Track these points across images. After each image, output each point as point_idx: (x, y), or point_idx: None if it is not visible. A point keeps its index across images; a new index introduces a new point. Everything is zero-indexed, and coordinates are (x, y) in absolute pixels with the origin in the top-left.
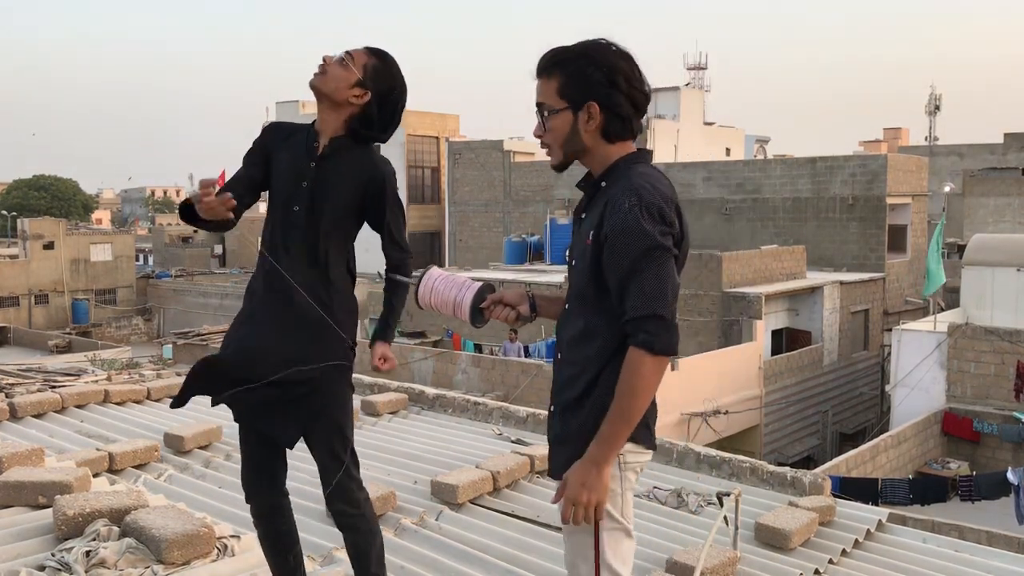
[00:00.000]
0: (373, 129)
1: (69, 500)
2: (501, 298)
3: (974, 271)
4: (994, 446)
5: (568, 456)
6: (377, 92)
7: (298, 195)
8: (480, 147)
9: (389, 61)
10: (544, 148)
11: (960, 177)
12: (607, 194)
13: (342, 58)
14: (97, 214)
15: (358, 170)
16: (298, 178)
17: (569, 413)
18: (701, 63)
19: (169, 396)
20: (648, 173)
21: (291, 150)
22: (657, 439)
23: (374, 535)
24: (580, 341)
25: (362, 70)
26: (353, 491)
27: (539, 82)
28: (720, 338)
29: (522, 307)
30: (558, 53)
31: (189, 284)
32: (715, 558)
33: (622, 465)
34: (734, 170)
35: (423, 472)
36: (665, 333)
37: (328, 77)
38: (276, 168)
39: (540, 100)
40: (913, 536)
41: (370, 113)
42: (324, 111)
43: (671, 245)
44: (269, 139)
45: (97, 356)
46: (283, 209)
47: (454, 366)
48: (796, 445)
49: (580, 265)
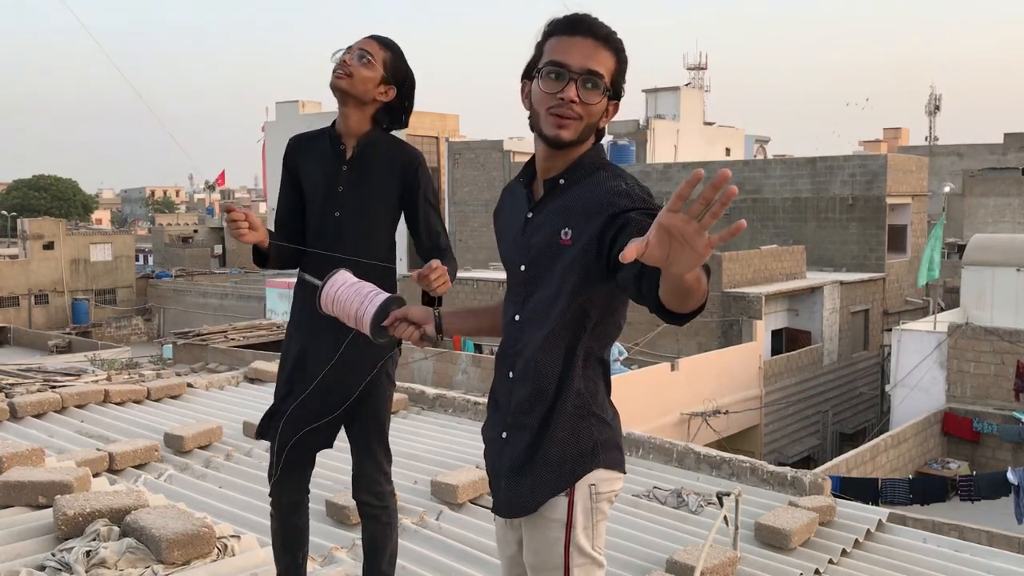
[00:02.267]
0: (395, 120)
1: (69, 500)
2: (405, 315)
3: (974, 271)
4: (994, 446)
5: (531, 487)
6: (397, 84)
7: (336, 200)
8: (480, 147)
9: (398, 50)
10: (567, 116)
11: (960, 177)
12: (571, 193)
13: (363, 56)
14: (97, 214)
15: (390, 161)
16: (332, 184)
17: (528, 437)
18: (701, 63)
19: (169, 396)
20: (618, 169)
21: (317, 158)
22: (657, 439)
23: (392, 530)
24: (540, 354)
25: (383, 66)
26: (381, 484)
27: (594, 46)
28: (720, 338)
29: (428, 326)
30: (619, 39)
31: (189, 284)
32: (715, 558)
33: (594, 496)
34: (734, 170)
35: (423, 472)
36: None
37: (356, 79)
38: (306, 179)
39: (596, 68)
40: (913, 536)
41: (393, 106)
42: (349, 111)
43: None
44: (292, 157)
45: (97, 356)
46: (322, 217)
47: (454, 366)
48: (796, 445)
49: (548, 270)
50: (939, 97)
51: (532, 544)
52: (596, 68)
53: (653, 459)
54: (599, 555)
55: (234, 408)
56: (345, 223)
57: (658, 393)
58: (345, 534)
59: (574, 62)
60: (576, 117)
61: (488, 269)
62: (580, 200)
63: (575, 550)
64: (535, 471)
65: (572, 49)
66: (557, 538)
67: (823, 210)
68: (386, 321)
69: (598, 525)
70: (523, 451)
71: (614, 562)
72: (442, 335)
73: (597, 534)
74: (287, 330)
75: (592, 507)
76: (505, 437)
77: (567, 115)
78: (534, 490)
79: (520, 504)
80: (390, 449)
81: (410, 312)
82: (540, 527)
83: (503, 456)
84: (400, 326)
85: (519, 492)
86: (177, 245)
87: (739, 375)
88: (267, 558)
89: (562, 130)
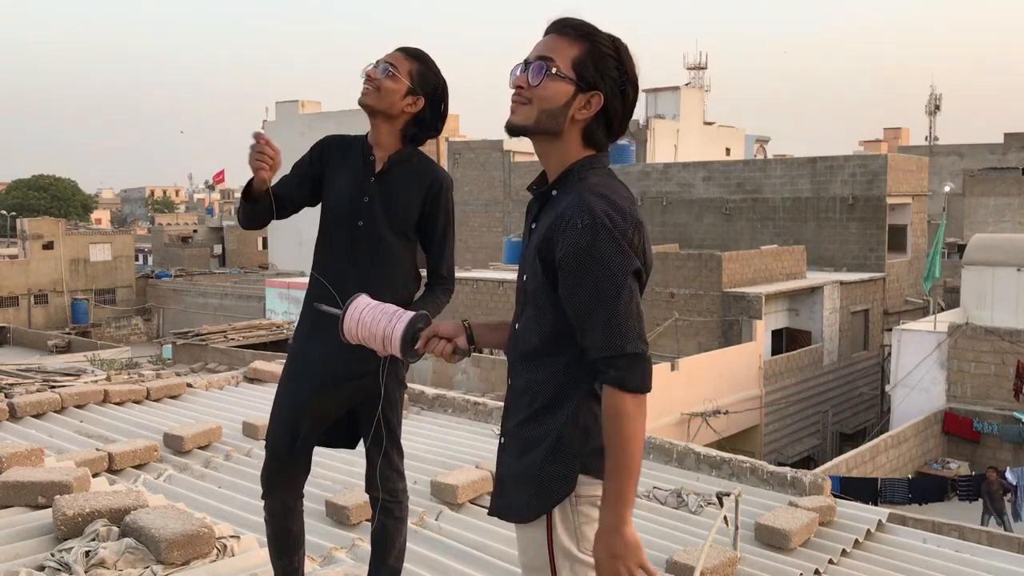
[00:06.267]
0: (427, 129)
1: (69, 500)
2: (436, 331)
3: (974, 271)
4: (994, 446)
5: (530, 495)
6: (426, 95)
7: (361, 210)
8: (480, 147)
9: (426, 59)
10: (516, 100)
11: (960, 177)
12: (557, 206)
13: (387, 70)
14: (96, 214)
15: (420, 179)
16: (359, 194)
17: (523, 446)
18: (701, 63)
19: (168, 396)
20: (603, 183)
21: (348, 167)
22: (657, 439)
23: (403, 524)
24: (529, 363)
25: (409, 77)
26: (394, 480)
27: (553, 37)
28: (720, 338)
29: (459, 339)
30: (590, 27)
31: (189, 284)
32: (715, 558)
33: (574, 501)
34: (734, 170)
35: (423, 472)
36: (638, 369)
37: (382, 94)
38: (332, 185)
39: (546, 54)
40: (913, 536)
41: (424, 117)
42: (379, 124)
43: (633, 268)
44: (325, 155)
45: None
46: (346, 226)
47: (454, 366)
48: (796, 445)
49: (532, 283)
50: (939, 97)
51: (520, 544)
52: (546, 53)
53: (653, 459)
54: (588, 557)
55: (234, 408)
56: (365, 233)
57: (658, 393)
58: (345, 534)
59: (531, 55)
60: (524, 101)
61: (488, 269)
62: (548, 220)
63: (559, 552)
64: (527, 481)
65: (536, 45)
66: (540, 540)
67: (823, 210)
68: (419, 343)
69: (583, 527)
70: (512, 460)
71: None
72: (474, 347)
73: (582, 536)
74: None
75: (572, 510)
76: (503, 443)
77: (514, 100)
78: (531, 497)
79: (519, 511)
80: (402, 447)
81: (440, 328)
82: (525, 528)
83: (500, 464)
84: (431, 342)
85: (516, 499)
86: (177, 245)
87: (739, 375)
88: (266, 558)
89: (512, 115)
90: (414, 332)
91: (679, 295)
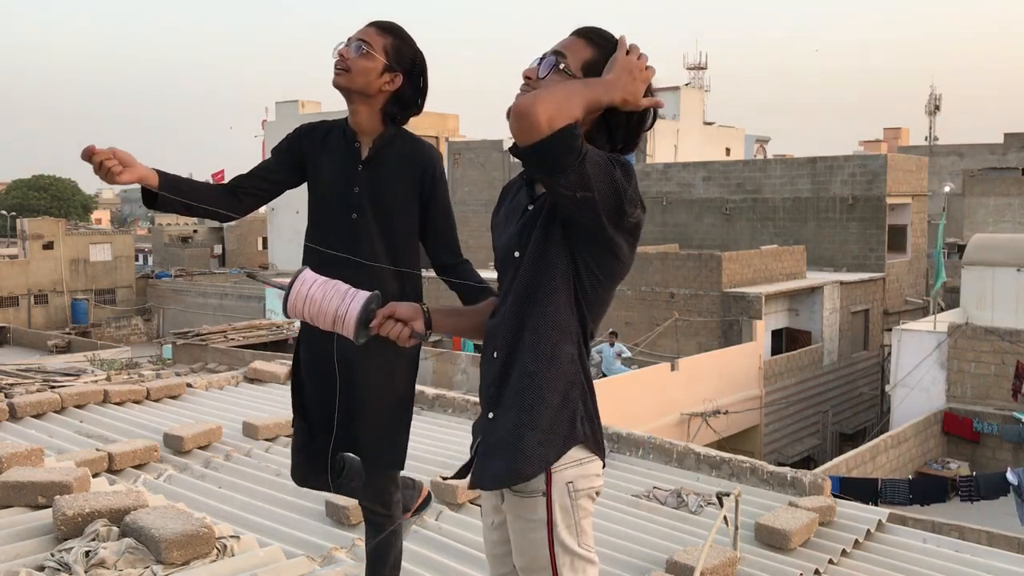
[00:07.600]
0: (409, 107)
1: (69, 500)
2: (392, 312)
3: (974, 271)
4: (994, 446)
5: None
6: (404, 70)
7: (353, 202)
8: (480, 147)
9: (401, 32)
10: (523, 90)
11: (960, 177)
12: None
13: (360, 48)
14: (96, 214)
15: (409, 163)
16: (348, 184)
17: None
18: (701, 63)
19: (168, 396)
20: None
21: (331, 155)
22: (657, 439)
23: (397, 537)
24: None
25: (384, 53)
26: (390, 493)
27: (574, 38)
28: (720, 338)
29: (416, 323)
30: (609, 36)
31: (189, 284)
32: (715, 558)
33: (572, 494)
34: (734, 170)
35: (423, 472)
36: None
37: (355, 73)
38: (317, 175)
39: (561, 50)
40: (913, 536)
41: (403, 94)
42: (357, 106)
43: None
44: (305, 144)
45: (96, 356)
46: (340, 217)
47: (454, 366)
48: (796, 445)
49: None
50: (939, 97)
51: (518, 546)
52: (561, 50)
53: (653, 459)
54: (587, 552)
55: (234, 408)
56: (362, 225)
57: (658, 393)
58: (345, 534)
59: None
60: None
61: (488, 269)
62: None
63: (560, 548)
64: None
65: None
66: (541, 539)
67: (823, 210)
68: (373, 322)
69: (581, 522)
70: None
71: (614, 562)
72: (431, 332)
73: (582, 531)
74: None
75: (572, 504)
76: (491, 417)
77: (522, 89)
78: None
79: (479, 478)
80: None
81: (397, 309)
82: (524, 530)
83: (491, 432)
84: (387, 324)
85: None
86: (177, 245)
87: (739, 375)
88: (267, 558)
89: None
90: (369, 313)
91: (679, 295)
